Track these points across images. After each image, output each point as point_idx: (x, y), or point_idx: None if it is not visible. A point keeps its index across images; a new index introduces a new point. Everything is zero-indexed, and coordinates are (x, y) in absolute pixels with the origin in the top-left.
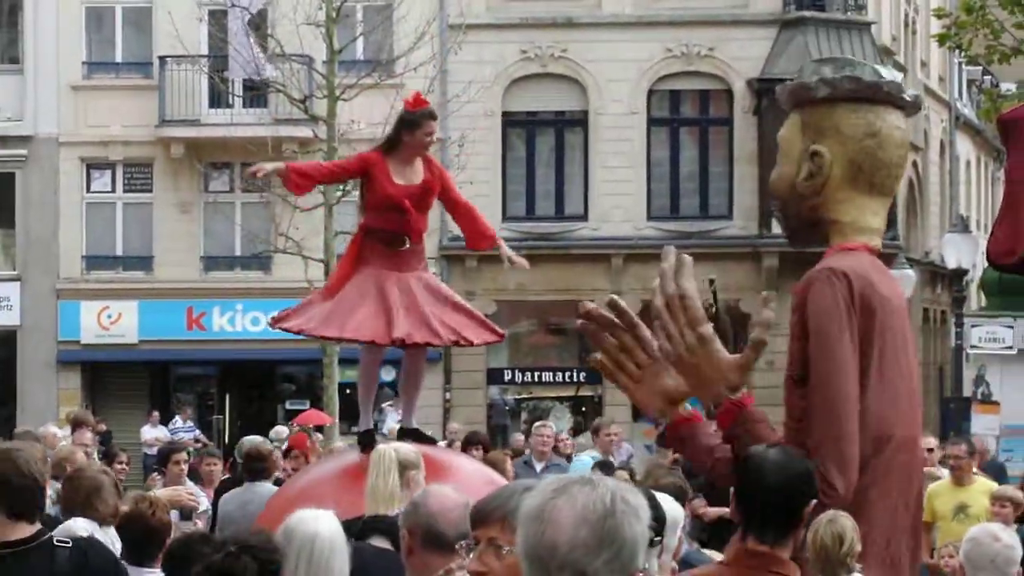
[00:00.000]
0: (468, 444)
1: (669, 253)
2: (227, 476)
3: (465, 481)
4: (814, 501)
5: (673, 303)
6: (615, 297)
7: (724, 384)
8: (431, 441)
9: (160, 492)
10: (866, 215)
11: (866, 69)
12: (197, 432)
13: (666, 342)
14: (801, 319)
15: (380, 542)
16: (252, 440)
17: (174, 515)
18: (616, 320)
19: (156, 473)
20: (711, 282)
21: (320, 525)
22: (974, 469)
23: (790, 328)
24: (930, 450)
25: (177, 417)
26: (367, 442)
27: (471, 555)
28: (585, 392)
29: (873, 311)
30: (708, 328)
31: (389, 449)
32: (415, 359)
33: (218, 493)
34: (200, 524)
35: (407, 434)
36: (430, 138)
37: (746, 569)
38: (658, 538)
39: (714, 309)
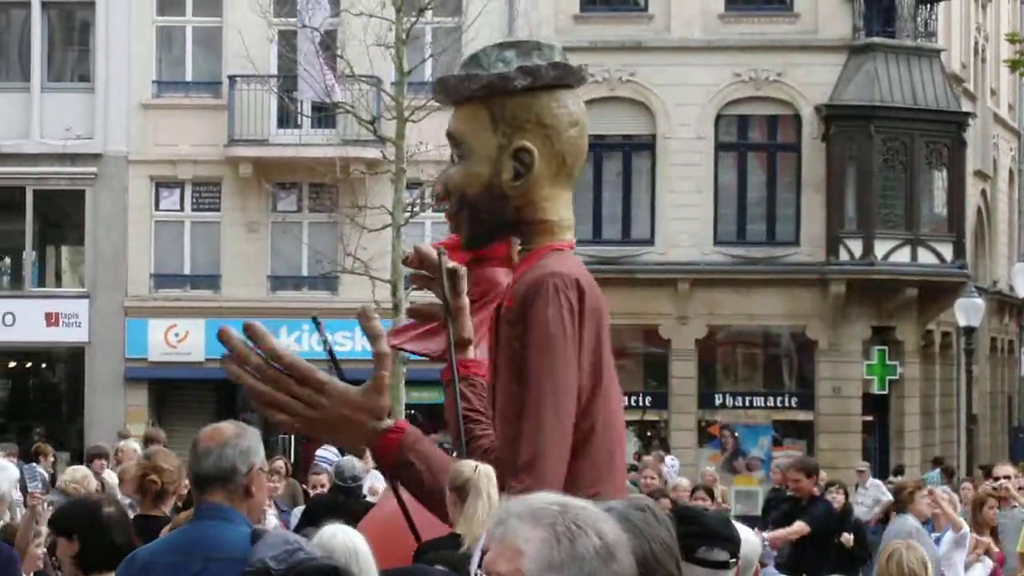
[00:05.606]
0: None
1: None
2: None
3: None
4: None
5: (266, 371)
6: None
7: (370, 417)
8: None
9: None
10: (568, 210)
11: (555, 51)
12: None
13: (283, 415)
14: (522, 332)
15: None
16: (351, 461)
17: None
18: (256, 346)
19: None
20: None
21: (357, 542)
22: None
23: (506, 343)
24: (1007, 477)
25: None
26: None
27: None
28: (651, 416)
29: (603, 322)
30: (321, 374)
31: (485, 467)
32: None
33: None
34: None
35: None
36: None
37: None
38: (733, 560)
39: (329, 351)
